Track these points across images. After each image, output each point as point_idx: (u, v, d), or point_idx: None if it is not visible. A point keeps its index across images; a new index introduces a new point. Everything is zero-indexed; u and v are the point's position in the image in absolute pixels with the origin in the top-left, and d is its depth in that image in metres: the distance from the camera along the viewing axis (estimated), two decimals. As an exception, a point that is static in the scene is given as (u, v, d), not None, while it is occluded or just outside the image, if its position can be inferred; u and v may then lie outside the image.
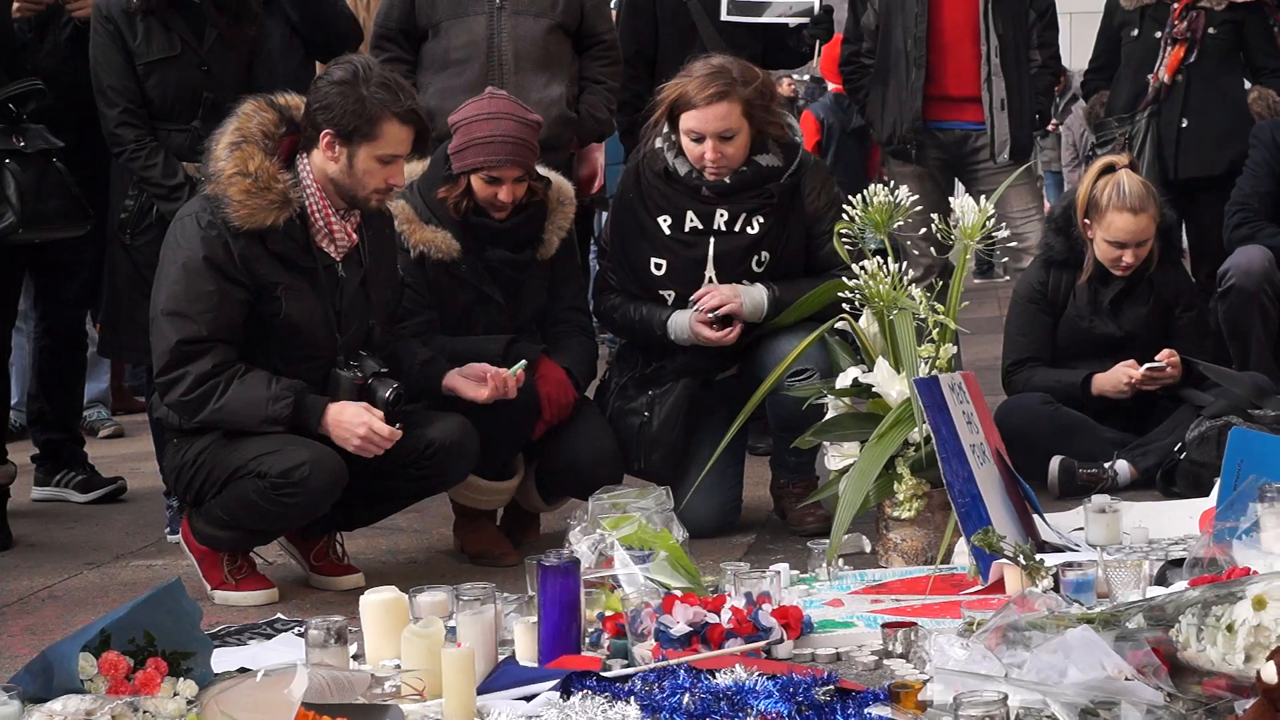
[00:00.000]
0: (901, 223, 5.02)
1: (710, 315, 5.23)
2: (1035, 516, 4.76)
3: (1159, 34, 6.94)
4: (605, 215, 6.33)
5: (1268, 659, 2.91)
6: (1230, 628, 3.27)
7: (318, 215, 4.68)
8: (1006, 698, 3.03)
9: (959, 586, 4.40)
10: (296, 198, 4.63)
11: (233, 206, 4.55)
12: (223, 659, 3.75)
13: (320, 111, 4.63)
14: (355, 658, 3.90)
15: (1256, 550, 4.12)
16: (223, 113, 5.11)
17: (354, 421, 4.58)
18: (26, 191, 5.30)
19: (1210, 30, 6.88)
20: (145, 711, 3.21)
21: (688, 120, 5.27)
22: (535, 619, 3.84)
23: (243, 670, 3.54)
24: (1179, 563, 4.16)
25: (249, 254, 4.60)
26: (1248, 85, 7.04)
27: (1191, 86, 6.91)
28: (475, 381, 4.85)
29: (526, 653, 3.84)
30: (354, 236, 4.76)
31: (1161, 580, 4.11)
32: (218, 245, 4.58)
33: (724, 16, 6.49)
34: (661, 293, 5.37)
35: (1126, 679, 3.08)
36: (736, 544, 5.25)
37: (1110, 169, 6.00)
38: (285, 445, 4.55)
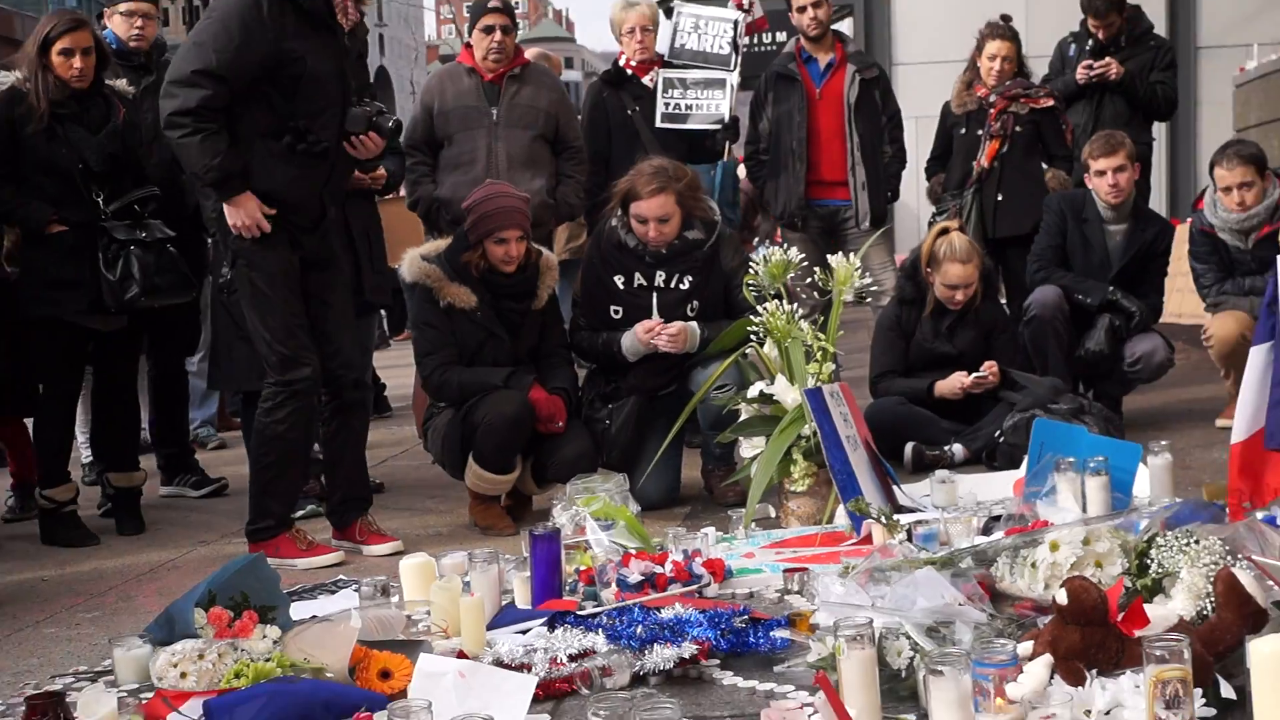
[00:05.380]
0: (793, 275, 5.07)
1: (658, 328, 5.24)
2: (894, 487, 4.79)
3: (980, 131, 6.99)
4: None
5: (1060, 586, 2.94)
6: (1034, 565, 3.31)
7: None
8: (873, 621, 3.04)
9: (839, 540, 4.40)
10: None
11: None
12: (299, 610, 3.75)
13: None
14: (396, 606, 3.90)
15: (1054, 508, 4.16)
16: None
17: (250, 207, 4.51)
18: (147, 271, 5.29)
19: (1018, 129, 6.92)
20: (242, 650, 3.22)
21: (636, 208, 5.29)
22: (528, 574, 3.84)
23: (314, 617, 3.55)
24: (999, 518, 4.18)
25: (281, 21, 4.45)
26: (1045, 168, 7.10)
27: (1005, 169, 6.94)
28: None
29: (523, 599, 3.83)
30: (356, 15, 5.14)
31: (986, 531, 4.11)
32: (253, 9, 4.43)
33: (658, 124, 6.54)
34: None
35: (960, 605, 3.09)
36: (676, 514, 5.24)
37: (945, 231, 6.05)
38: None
